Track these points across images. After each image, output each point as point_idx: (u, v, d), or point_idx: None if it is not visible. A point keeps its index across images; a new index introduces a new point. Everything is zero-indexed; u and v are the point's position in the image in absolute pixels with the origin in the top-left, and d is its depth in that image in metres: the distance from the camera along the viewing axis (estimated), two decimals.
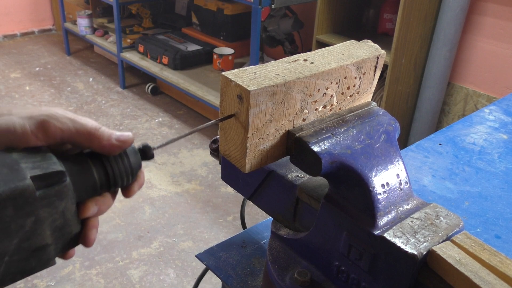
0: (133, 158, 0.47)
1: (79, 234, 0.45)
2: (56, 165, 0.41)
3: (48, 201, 0.40)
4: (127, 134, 0.46)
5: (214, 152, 0.73)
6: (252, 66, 0.55)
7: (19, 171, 0.39)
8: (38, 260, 0.41)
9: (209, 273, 0.79)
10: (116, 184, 0.46)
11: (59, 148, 0.48)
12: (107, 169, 0.45)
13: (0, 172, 0.38)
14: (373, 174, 0.54)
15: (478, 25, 2.45)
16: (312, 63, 0.57)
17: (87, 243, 0.46)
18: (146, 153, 0.48)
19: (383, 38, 2.62)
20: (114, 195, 0.49)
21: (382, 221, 0.53)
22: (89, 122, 0.45)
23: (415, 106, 2.66)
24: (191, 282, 1.98)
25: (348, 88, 0.60)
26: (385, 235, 0.51)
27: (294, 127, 0.56)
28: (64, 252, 0.44)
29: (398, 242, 0.50)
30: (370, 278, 0.54)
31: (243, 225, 0.83)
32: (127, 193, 0.50)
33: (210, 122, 0.55)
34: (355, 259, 0.55)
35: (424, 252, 0.50)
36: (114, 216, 2.32)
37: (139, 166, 0.48)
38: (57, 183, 0.40)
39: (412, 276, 0.50)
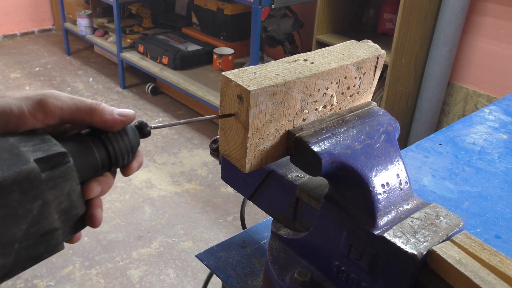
0: (132, 136, 0.46)
1: (84, 216, 0.44)
2: (57, 147, 0.40)
3: (53, 183, 0.39)
4: (128, 110, 0.45)
5: (214, 152, 0.73)
6: (252, 66, 0.55)
7: (20, 155, 0.38)
8: (46, 246, 0.40)
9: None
10: (117, 163, 0.46)
11: (57, 129, 0.46)
12: (108, 148, 0.44)
13: (0, 157, 0.37)
14: (373, 174, 0.54)
15: (478, 25, 2.45)
16: (312, 63, 0.57)
17: (94, 223, 0.45)
18: (143, 130, 0.48)
19: (383, 38, 2.62)
20: (114, 173, 0.48)
21: (382, 221, 0.53)
22: (86, 101, 0.44)
23: (415, 106, 2.66)
24: (191, 282, 1.98)
25: (348, 88, 0.60)
26: (385, 235, 0.51)
27: (294, 127, 0.56)
28: (72, 235, 0.44)
29: (398, 242, 0.50)
30: (370, 278, 0.54)
31: (243, 225, 0.83)
32: (126, 172, 0.48)
33: (210, 116, 0.55)
34: (355, 259, 0.55)
35: (424, 252, 0.50)
36: (114, 216, 2.32)
37: (138, 144, 0.47)
38: (61, 164, 0.39)
39: (412, 276, 0.50)
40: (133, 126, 0.47)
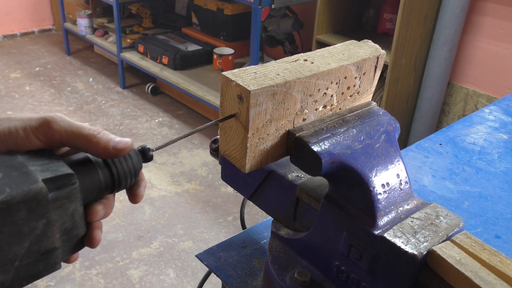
0: (135, 159, 0.47)
1: (84, 237, 0.45)
2: (65, 168, 0.41)
3: (59, 204, 0.40)
4: (125, 142, 0.45)
5: (214, 152, 0.73)
6: (252, 66, 0.55)
7: (29, 174, 0.39)
8: (45, 264, 0.41)
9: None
10: (120, 186, 0.46)
11: (58, 151, 0.48)
12: (112, 170, 0.45)
13: (10, 175, 0.38)
14: (373, 174, 0.54)
15: (478, 25, 2.45)
16: (312, 63, 0.57)
17: (92, 244, 0.46)
18: (145, 154, 0.48)
19: (383, 38, 2.62)
20: (114, 196, 0.49)
21: (382, 221, 0.53)
22: (86, 127, 0.44)
23: (415, 106, 2.66)
24: (191, 282, 1.98)
25: (348, 88, 0.60)
26: (385, 235, 0.51)
27: (294, 127, 0.56)
28: (70, 255, 0.44)
29: (398, 242, 0.50)
30: (370, 278, 0.54)
31: (243, 225, 0.83)
32: (135, 199, 0.50)
33: (211, 122, 0.55)
34: (355, 259, 0.55)
35: (424, 252, 0.50)
36: (114, 216, 2.32)
37: (141, 167, 0.48)
38: (67, 185, 0.40)
39: (412, 276, 0.50)
40: (136, 150, 0.48)
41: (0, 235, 0.37)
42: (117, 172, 0.45)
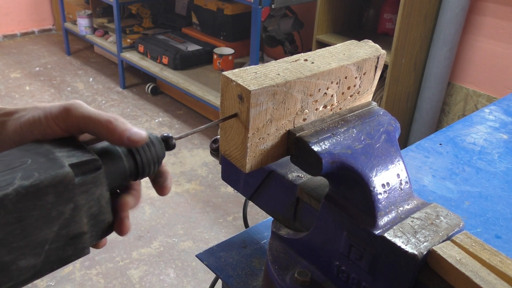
0: (158, 147, 0.48)
1: (112, 223, 0.46)
2: (90, 154, 0.42)
3: (85, 188, 0.41)
4: (140, 134, 0.45)
5: (215, 152, 0.73)
6: (252, 66, 0.55)
7: (55, 160, 0.40)
8: (74, 249, 0.42)
9: (209, 273, 0.79)
10: (143, 173, 0.47)
11: (81, 138, 0.48)
12: (135, 157, 0.46)
13: (37, 161, 0.39)
14: (374, 174, 0.54)
15: (478, 25, 2.45)
16: (313, 63, 0.57)
17: (122, 231, 0.46)
18: (168, 143, 0.49)
19: (383, 38, 2.62)
20: (140, 185, 0.50)
21: (383, 221, 0.53)
22: (103, 114, 0.44)
23: (415, 106, 2.66)
24: (191, 282, 1.98)
25: (349, 88, 0.60)
26: (386, 235, 0.51)
27: (294, 127, 0.56)
28: (98, 240, 0.45)
29: (399, 242, 0.50)
30: (370, 278, 0.54)
31: (246, 224, 0.83)
32: (163, 191, 0.51)
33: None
34: (356, 259, 0.55)
35: (425, 252, 0.50)
36: None
37: (163, 155, 0.49)
38: (93, 170, 0.41)
39: (412, 276, 0.50)
40: (158, 137, 0.48)
41: (30, 219, 0.38)
42: (140, 159, 0.46)
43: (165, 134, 0.49)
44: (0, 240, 0.37)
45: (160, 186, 0.50)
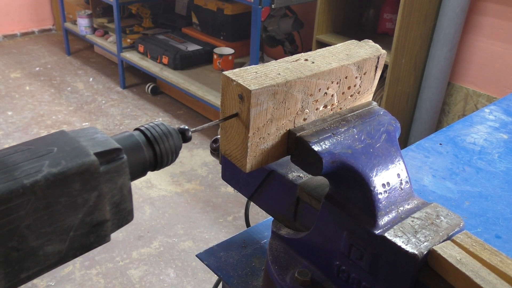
0: (176, 138, 0.49)
1: (131, 211, 0.47)
2: (113, 143, 0.43)
3: (109, 177, 0.42)
4: None
5: (215, 151, 0.73)
6: (253, 66, 0.55)
7: (81, 148, 0.41)
8: (96, 236, 0.43)
9: (209, 273, 0.79)
10: (161, 163, 0.48)
11: None
12: (155, 148, 0.47)
13: (63, 150, 0.40)
14: (374, 174, 0.54)
15: (478, 25, 2.45)
16: (313, 62, 0.57)
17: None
18: (185, 135, 0.50)
19: (383, 38, 2.61)
20: None
21: (383, 220, 0.53)
22: None
23: (415, 106, 2.66)
24: (191, 282, 1.98)
25: (349, 87, 0.60)
26: (386, 234, 0.51)
27: (295, 127, 0.56)
28: (117, 229, 0.46)
29: (399, 242, 0.50)
30: (370, 278, 0.54)
31: (247, 223, 0.83)
32: None
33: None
34: (356, 259, 0.55)
35: (425, 252, 0.50)
36: None
37: (180, 147, 0.50)
38: (116, 159, 0.42)
39: (412, 276, 0.50)
40: (176, 129, 0.50)
41: (58, 206, 0.39)
42: (159, 150, 0.47)
43: (181, 127, 0.50)
44: (29, 225, 0.38)
45: None
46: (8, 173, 0.37)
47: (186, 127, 0.50)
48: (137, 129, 0.48)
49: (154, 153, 0.47)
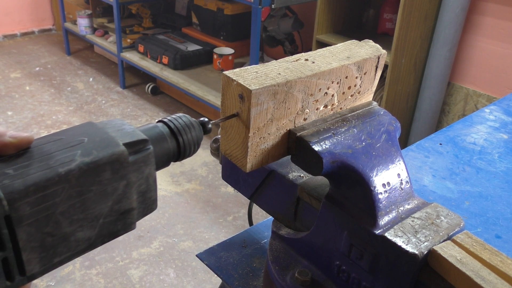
0: (197, 130, 0.50)
1: (156, 201, 0.47)
2: (140, 134, 0.44)
3: (137, 166, 0.43)
4: (24, 134, 0.41)
5: (215, 151, 0.73)
6: (253, 66, 0.55)
7: (110, 139, 0.42)
8: (123, 224, 0.44)
9: (209, 273, 0.79)
10: (184, 154, 0.50)
11: None
12: (178, 139, 0.48)
13: (93, 140, 0.42)
14: (374, 174, 0.54)
15: (478, 25, 2.45)
16: (313, 62, 0.57)
17: None
18: (205, 127, 0.52)
19: (383, 38, 2.61)
20: None
21: (383, 220, 0.53)
22: None
23: (415, 106, 2.66)
24: (191, 282, 1.98)
25: (349, 87, 0.60)
26: (386, 234, 0.51)
27: (295, 127, 0.56)
28: (142, 217, 0.47)
29: (399, 242, 0.50)
30: (371, 278, 0.54)
31: (250, 222, 0.83)
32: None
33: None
34: (356, 259, 0.55)
35: (425, 252, 0.50)
36: None
37: (202, 138, 0.51)
38: (144, 150, 0.44)
39: (413, 276, 0.50)
40: (197, 121, 0.51)
41: (89, 193, 0.40)
42: (182, 141, 0.49)
43: (201, 119, 0.52)
44: (63, 212, 0.39)
45: None
46: (44, 161, 0.39)
47: (207, 119, 0.52)
48: (160, 120, 0.50)
49: (177, 144, 0.49)
